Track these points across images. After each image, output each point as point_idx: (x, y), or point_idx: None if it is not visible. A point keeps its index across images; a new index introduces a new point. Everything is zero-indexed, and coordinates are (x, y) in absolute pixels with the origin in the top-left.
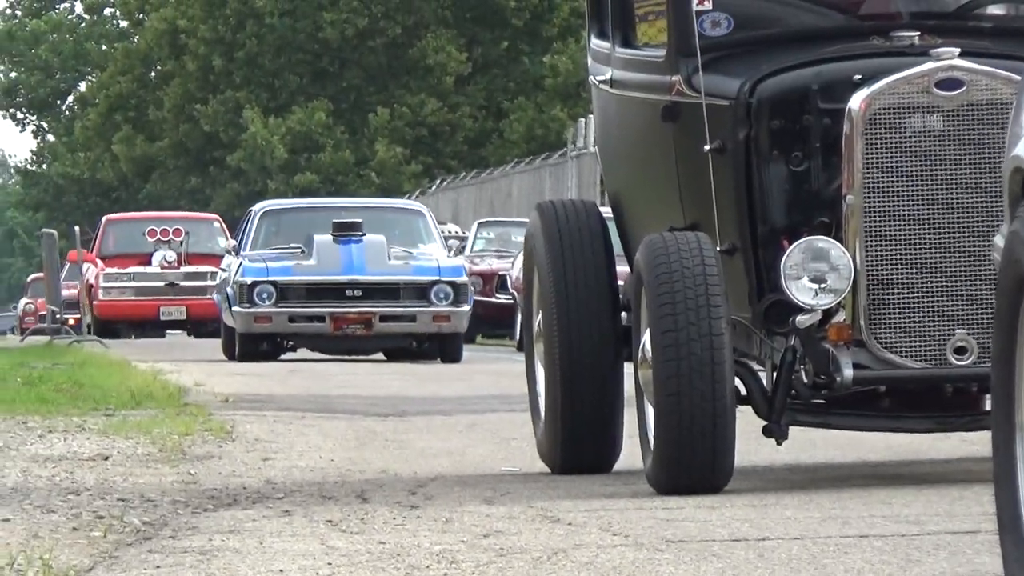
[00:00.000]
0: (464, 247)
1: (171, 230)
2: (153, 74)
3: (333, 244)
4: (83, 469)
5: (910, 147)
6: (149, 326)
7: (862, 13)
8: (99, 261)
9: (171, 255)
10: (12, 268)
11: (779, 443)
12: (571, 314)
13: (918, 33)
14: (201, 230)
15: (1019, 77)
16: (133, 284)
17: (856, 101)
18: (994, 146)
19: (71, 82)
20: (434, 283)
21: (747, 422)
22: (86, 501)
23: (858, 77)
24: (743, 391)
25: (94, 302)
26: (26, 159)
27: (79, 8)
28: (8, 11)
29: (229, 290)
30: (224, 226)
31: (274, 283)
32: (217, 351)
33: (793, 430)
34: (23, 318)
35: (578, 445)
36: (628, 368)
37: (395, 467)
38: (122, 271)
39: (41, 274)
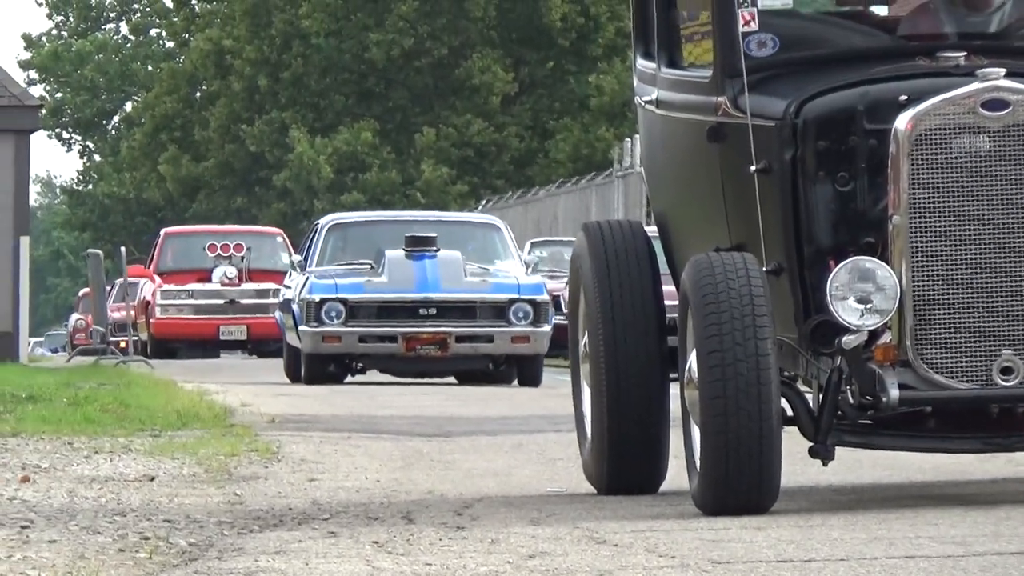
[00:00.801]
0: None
1: (232, 245)
2: (199, 94)
3: (406, 260)
4: (129, 490)
5: (956, 167)
6: (208, 345)
7: (908, 34)
8: (156, 277)
9: (232, 271)
10: (58, 288)
11: (825, 464)
12: (617, 335)
13: (964, 53)
14: (264, 245)
15: None
16: (192, 302)
17: (902, 121)
18: None
19: (117, 102)
20: (513, 301)
21: (793, 443)
22: (132, 522)
23: (904, 98)
24: (789, 412)
25: (151, 320)
26: (72, 179)
27: (124, 29)
28: (54, 32)
29: (295, 308)
30: (287, 241)
31: (343, 300)
32: (272, 372)
33: (839, 451)
34: (74, 334)
35: (624, 466)
36: (674, 389)
37: (441, 488)
38: (180, 288)
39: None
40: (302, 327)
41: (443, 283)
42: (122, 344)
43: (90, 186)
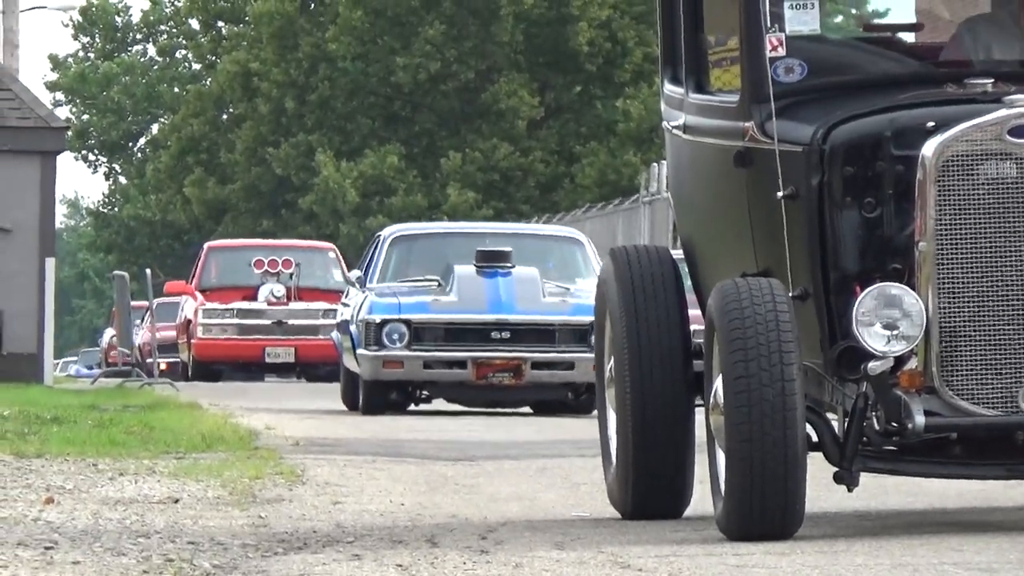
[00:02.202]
0: None
1: (280, 261)
2: (225, 117)
3: (477, 277)
4: (153, 512)
5: (983, 194)
6: (253, 368)
7: (935, 60)
8: (198, 294)
9: (279, 289)
10: (83, 310)
11: (850, 490)
12: (643, 360)
13: (991, 80)
14: (314, 261)
15: None
16: (236, 321)
17: (929, 148)
18: None
19: (143, 124)
20: None
21: (818, 468)
22: (156, 544)
23: (931, 124)
24: (814, 437)
25: (192, 340)
26: (98, 201)
27: (151, 51)
28: (81, 53)
29: (353, 329)
30: (340, 257)
31: (407, 322)
32: (295, 396)
33: (864, 477)
34: (108, 351)
35: (649, 491)
36: (700, 414)
37: (465, 512)
38: (224, 306)
39: None
40: (361, 350)
41: (518, 303)
42: (163, 366)
43: (116, 208)
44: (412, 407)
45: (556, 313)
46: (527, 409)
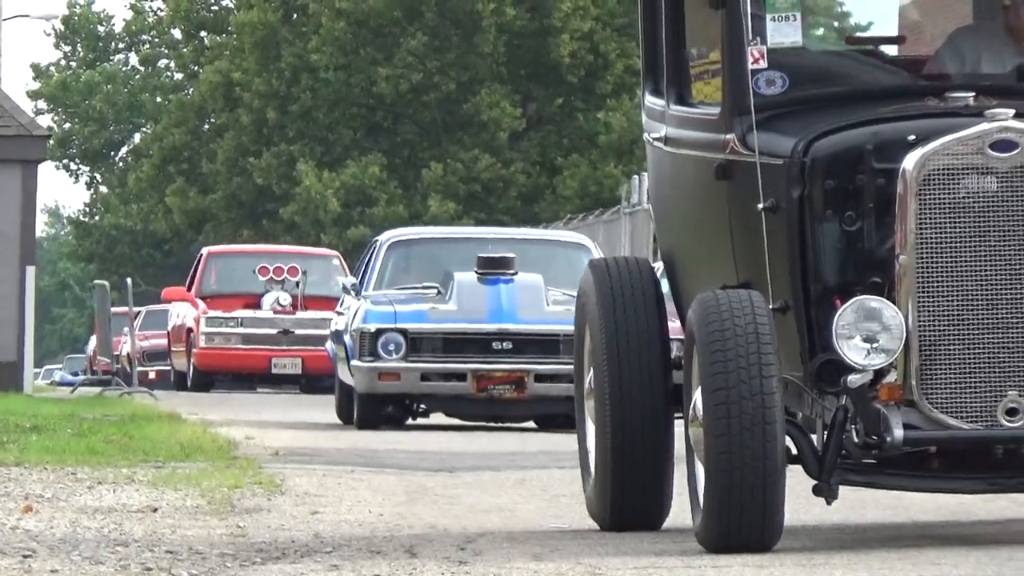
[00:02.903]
0: None
1: (286, 268)
2: (207, 127)
3: (478, 284)
4: (132, 521)
5: (963, 208)
6: (258, 379)
7: (918, 73)
8: (199, 302)
9: (285, 297)
10: (64, 319)
11: (829, 502)
12: (622, 371)
13: (973, 94)
14: (318, 268)
15: None
16: (241, 330)
17: (910, 161)
18: None
19: (125, 134)
20: None
21: (797, 481)
22: (134, 553)
23: (912, 137)
24: (794, 450)
25: (193, 350)
26: (79, 210)
27: (134, 60)
28: (63, 62)
29: (347, 339)
30: (344, 264)
31: (403, 332)
32: (278, 407)
33: (843, 490)
34: (94, 358)
35: (628, 502)
36: (679, 426)
37: (444, 522)
38: (228, 315)
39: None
40: (355, 362)
41: (521, 312)
42: (152, 375)
43: (97, 217)
44: (409, 421)
45: (560, 322)
46: (517, 422)
